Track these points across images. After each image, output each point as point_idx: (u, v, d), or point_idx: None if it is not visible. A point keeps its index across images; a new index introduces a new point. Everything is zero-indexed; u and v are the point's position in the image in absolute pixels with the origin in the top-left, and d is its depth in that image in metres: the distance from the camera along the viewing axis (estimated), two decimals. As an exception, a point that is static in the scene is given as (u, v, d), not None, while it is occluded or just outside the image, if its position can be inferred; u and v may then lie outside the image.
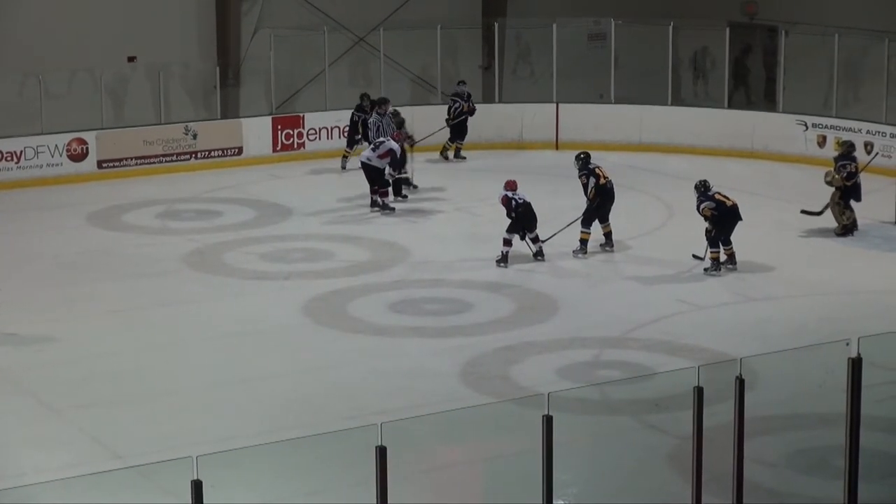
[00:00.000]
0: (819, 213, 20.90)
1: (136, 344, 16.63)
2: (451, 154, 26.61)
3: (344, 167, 25.77)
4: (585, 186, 20.03)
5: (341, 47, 29.28)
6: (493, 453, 11.90)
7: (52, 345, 16.57)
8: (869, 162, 22.23)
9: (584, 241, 19.93)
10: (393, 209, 22.59)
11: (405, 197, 23.35)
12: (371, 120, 24.38)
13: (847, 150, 20.94)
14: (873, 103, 26.12)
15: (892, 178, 23.90)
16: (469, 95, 26.66)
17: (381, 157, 22.40)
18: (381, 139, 22.82)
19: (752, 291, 18.41)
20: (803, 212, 21.17)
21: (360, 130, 25.31)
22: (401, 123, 23.90)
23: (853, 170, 20.61)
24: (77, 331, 17.13)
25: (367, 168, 22.58)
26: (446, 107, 26.66)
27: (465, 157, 26.59)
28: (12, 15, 26.82)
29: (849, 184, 20.57)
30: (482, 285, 18.75)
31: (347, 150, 25.79)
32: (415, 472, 11.14)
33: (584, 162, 20.24)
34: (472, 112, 26.48)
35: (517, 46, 31.70)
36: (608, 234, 20.13)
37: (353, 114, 25.68)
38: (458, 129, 26.55)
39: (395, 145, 22.49)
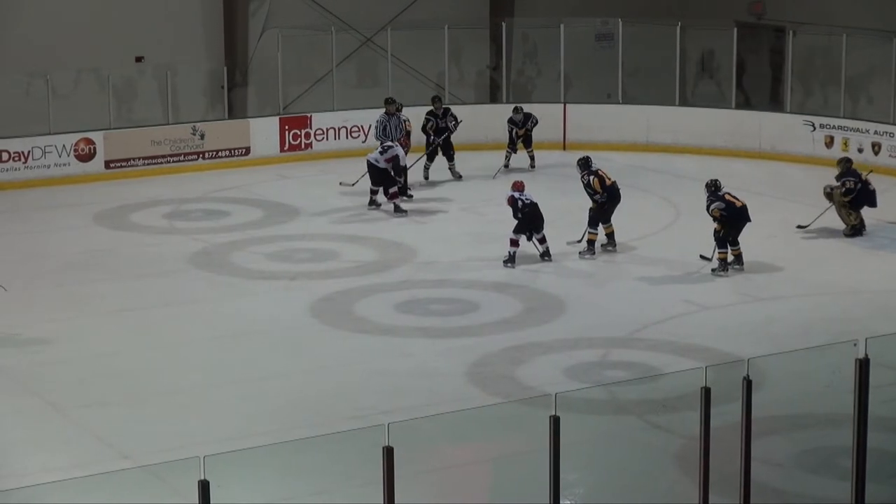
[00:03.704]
0: (811, 223, 20.93)
1: (142, 343, 16.64)
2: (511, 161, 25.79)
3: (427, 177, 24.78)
4: (589, 187, 20.02)
5: (349, 47, 29.26)
6: (499, 453, 11.90)
7: (58, 344, 16.58)
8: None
9: (591, 242, 19.91)
10: (405, 212, 22.53)
11: (410, 196, 23.33)
12: (377, 119, 24.34)
13: (846, 168, 20.97)
14: (881, 104, 26.08)
15: (899, 178, 23.90)
16: (525, 119, 25.49)
17: (387, 160, 22.44)
18: (389, 143, 22.81)
19: (760, 292, 18.39)
20: (799, 227, 21.10)
21: (432, 134, 24.59)
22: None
23: (852, 185, 20.63)
24: (83, 330, 17.14)
25: (373, 168, 22.60)
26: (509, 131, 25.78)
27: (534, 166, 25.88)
28: (19, 15, 26.81)
29: (847, 199, 20.62)
30: (489, 285, 18.74)
31: (427, 161, 24.79)
32: (422, 473, 11.13)
33: (585, 165, 20.25)
34: (522, 137, 25.58)
35: (524, 46, 31.66)
36: (610, 235, 20.11)
37: (425, 118, 24.70)
38: (525, 142, 25.82)
39: (400, 151, 22.62)
